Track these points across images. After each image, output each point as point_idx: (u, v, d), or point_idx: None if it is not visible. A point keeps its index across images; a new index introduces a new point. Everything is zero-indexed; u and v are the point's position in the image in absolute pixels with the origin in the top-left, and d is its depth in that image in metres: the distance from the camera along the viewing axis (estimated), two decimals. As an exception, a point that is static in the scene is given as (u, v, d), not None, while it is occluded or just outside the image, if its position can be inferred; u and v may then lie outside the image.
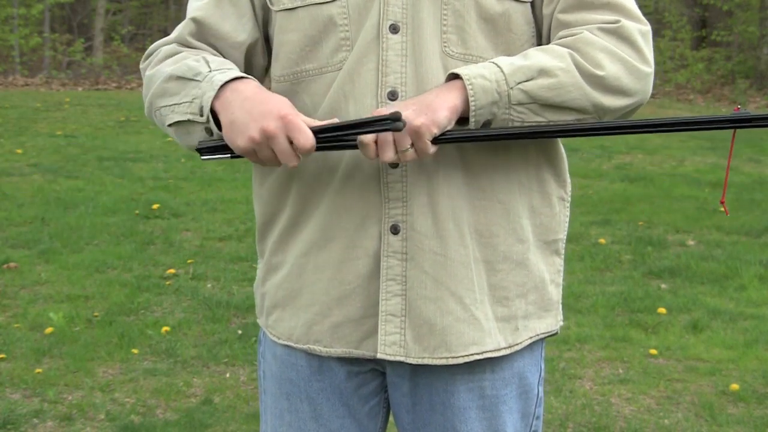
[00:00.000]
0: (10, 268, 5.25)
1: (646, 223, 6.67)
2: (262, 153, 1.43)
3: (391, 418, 1.72)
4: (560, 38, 1.52)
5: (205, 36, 1.60)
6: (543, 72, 1.45)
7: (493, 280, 1.57)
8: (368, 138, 1.42)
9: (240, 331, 4.38)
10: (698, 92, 16.39)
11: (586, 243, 6.07)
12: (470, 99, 1.43)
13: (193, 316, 4.59)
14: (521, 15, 1.54)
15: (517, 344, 1.60)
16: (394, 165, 1.52)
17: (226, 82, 1.46)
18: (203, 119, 1.47)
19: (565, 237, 1.67)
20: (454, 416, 1.61)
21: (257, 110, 1.42)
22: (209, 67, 1.51)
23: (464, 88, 1.44)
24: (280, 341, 1.65)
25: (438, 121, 1.42)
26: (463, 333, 1.55)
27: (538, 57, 1.47)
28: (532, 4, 1.56)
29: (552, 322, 1.66)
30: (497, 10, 1.52)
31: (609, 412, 3.64)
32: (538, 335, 1.64)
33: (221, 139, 1.48)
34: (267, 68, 1.69)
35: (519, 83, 1.44)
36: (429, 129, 1.41)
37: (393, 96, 1.51)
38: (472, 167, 1.53)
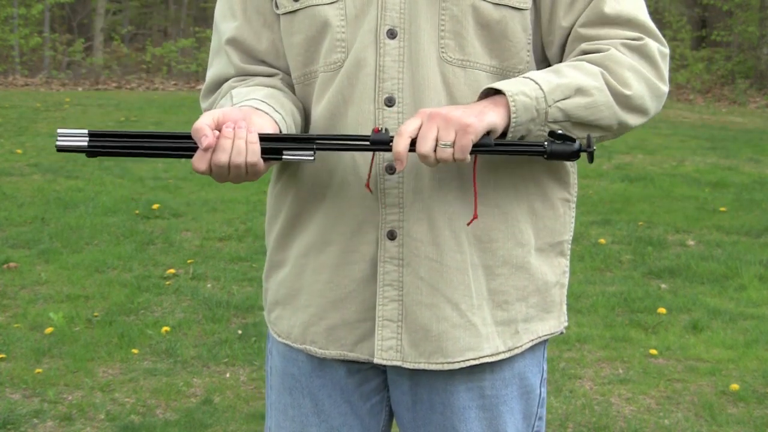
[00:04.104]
0: (10, 268, 5.25)
1: (646, 223, 6.67)
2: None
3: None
4: (584, 52, 1.53)
5: (253, 57, 1.63)
6: (580, 91, 1.46)
7: (492, 285, 1.57)
8: (408, 127, 1.41)
9: (240, 331, 4.38)
10: (698, 92, 16.39)
11: (586, 243, 6.07)
12: (512, 115, 1.43)
13: (193, 316, 4.59)
14: (518, 23, 1.54)
15: (517, 347, 1.60)
16: (391, 171, 1.52)
17: None
18: None
19: (570, 238, 1.66)
20: (453, 415, 1.61)
21: None
22: (231, 102, 1.53)
23: (507, 103, 1.43)
24: (280, 339, 1.67)
25: (487, 122, 1.42)
26: (459, 339, 1.55)
27: (573, 75, 1.48)
28: (539, 14, 1.56)
29: (555, 323, 1.66)
30: (494, 17, 1.52)
31: (609, 412, 3.64)
32: (540, 337, 1.64)
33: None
34: None
35: (557, 101, 1.45)
36: (476, 128, 1.40)
37: (390, 102, 1.51)
38: (468, 174, 1.53)
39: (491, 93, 1.47)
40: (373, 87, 1.52)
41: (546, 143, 1.45)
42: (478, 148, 1.43)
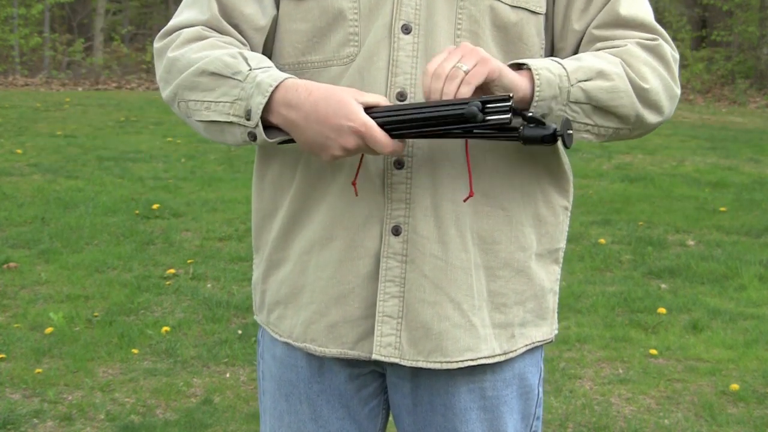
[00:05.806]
0: (10, 268, 5.25)
1: (646, 223, 6.67)
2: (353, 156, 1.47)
3: (390, 419, 1.72)
4: (600, 49, 1.53)
5: (230, 15, 1.56)
6: (601, 74, 1.47)
7: (492, 287, 1.57)
8: (433, 65, 1.40)
9: (240, 331, 4.38)
10: (698, 92, 16.39)
11: (586, 243, 6.07)
12: (536, 89, 1.43)
13: (193, 316, 4.59)
14: (533, 26, 1.54)
15: (512, 351, 1.60)
16: (399, 166, 1.52)
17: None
18: (251, 124, 1.45)
19: (564, 246, 1.67)
20: (455, 417, 1.60)
21: (328, 126, 1.41)
22: (248, 64, 1.47)
23: (532, 77, 1.44)
24: (281, 339, 1.64)
25: (507, 73, 1.41)
26: (459, 339, 1.54)
27: (593, 60, 1.49)
28: (548, 18, 1.56)
29: (548, 330, 1.66)
30: (511, 19, 1.53)
31: (609, 412, 3.64)
32: (534, 343, 1.64)
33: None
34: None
35: (580, 81, 1.45)
36: (492, 65, 1.40)
37: (402, 97, 1.51)
38: (477, 173, 1.52)
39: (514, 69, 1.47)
40: (385, 81, 1.51)
41: (521, 128, 1.42)
42: (455, 127, 1.40)
